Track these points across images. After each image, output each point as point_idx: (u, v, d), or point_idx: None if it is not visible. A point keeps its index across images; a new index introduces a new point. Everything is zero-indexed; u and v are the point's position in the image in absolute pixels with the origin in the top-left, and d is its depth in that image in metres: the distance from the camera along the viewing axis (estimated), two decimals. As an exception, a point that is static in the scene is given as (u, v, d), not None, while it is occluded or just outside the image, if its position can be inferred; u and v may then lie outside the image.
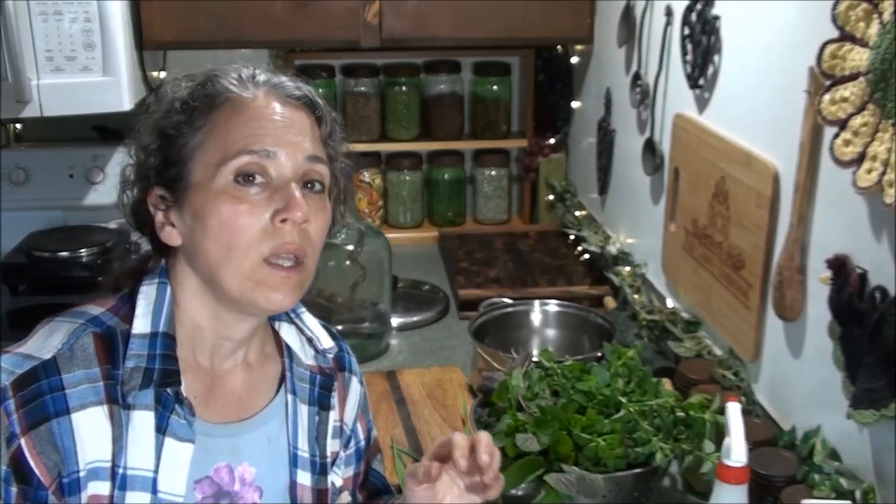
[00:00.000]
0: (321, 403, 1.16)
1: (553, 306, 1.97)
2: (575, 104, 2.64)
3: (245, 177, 1.00)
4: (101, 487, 0.96)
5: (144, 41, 2.15)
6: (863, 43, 1.17)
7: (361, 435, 1.25)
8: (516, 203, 2.86)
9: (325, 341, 1.18)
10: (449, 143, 2.73)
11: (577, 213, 2.51)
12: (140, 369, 0.99)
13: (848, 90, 1.20)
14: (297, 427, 1.12)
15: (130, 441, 0.98)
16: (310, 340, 1.18)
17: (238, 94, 1.03)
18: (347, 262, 1.97)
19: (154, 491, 0.99)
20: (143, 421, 0.99)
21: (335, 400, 1.19)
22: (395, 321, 2.10)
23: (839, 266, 1.27)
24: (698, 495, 1.45)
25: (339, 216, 1.13)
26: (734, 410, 1.21)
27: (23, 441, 0.92)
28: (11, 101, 1.84)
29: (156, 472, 0.99)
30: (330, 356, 1.20)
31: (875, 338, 1.19)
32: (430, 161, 2.77)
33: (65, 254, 2.13)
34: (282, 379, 1.13)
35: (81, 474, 0.95)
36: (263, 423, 1.10)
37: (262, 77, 1.07)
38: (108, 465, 0.96)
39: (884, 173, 1.13)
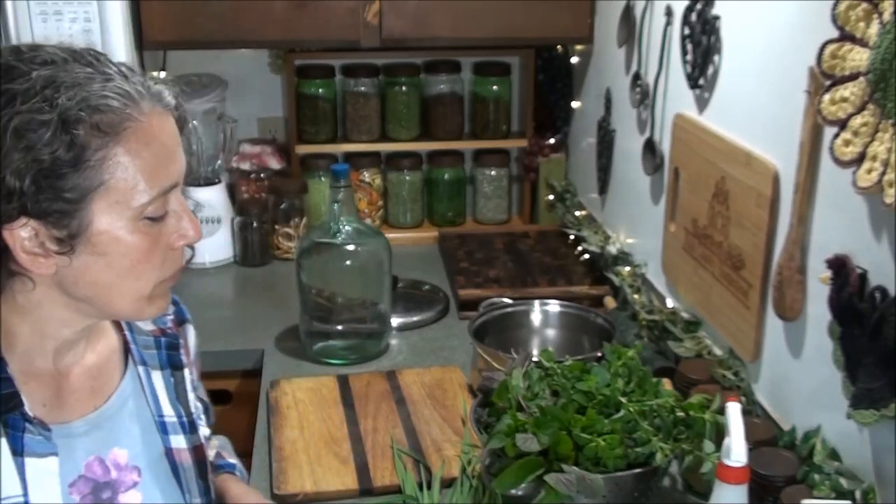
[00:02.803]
0: (172, 364, 1.16)
1: (553, 306, 1.96)
2: (575, 104, 2.64)
3: (155, 217, 0.97)
4: None
5: (144, 41, 2.15)
6: (863, 43, 1.17)
7: (195, 375, 1.26)
8: (516, 203, 2.86)
9: None
10: (449, 143, 2.73)
11: (577, 213, 2.51)
12: None
13: (848, 90, 1.20)
14: (155, 395, 1.11)
15: None
16: None
17: (135, 119, 0.93)
18: (348, 262, 1.97)
19: None
20: None
21: (184, 356, 1.18)
22: (395, 321, 2.09)
23: (839, 266, 1.27)
24: (698, 495, 1.45)
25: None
26: (734, 410, 1.21)
27: None
28: (11, 101, 1.84)
29: (25, 495, 0.95)
30: (169, 317, 1.18)
31: (875, 338, 1.19)
32: (430, 161, 2.77)
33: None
34: (126, 352, 1.11)
35: None
36: (121, 403, 1.08)
37: (139, 86, 0.95)
38: None
39: (884, 173, 1.13)
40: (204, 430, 1.20)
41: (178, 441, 1.13)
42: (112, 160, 0.91)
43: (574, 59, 2.60)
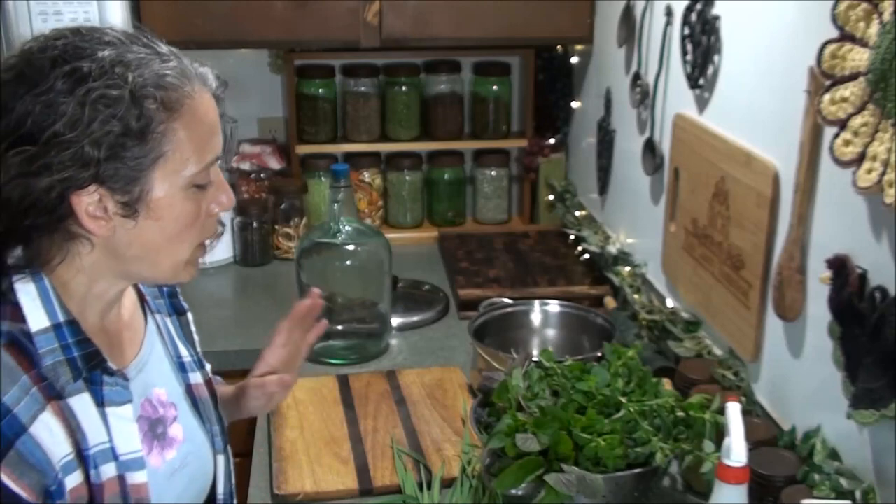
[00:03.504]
0: (177, 310, 1.29)
1: (553, 306, 1.96)
2: (575, 104, 2.64)
3: (202, 185, 1.07)
4: (77, 477, 1.00)
5: (144, 41, 2.15)
6: (863, 43, 1.17)
7: None
8: (516, 203, 2.86)
9: None
10: (449, 143, 2.73)
11: (577, 213, 2.51)
12: (62, 362, 1.01)
13: (848, 90, 1.20)
14: (172, 338, 1.23)
15: (83, 424, 1.02)
16: None
17: (190, 97, 1.02)
18: (348, 262, 1.97)
19: (115, 458, 1.05)
20: (83, 403, 1.03)
21: (184, 302, 1.31)
22: (395, 321, 2.09)
23: (839, 266, 1.27)
24: (698, 495, 1.45)
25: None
26: (734, 410, 1.21)
27: (0, 474, 0.93)
28: (11, 101, 1.84)
29: (110, 440, 1.05)
30: None
31: (875, 338, 1.19)
32: (430, 161, 2.77)
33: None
34: (143, 303, 1.21)
35: (59, 475, 0.98)
36: (150, 349, 1.18)
37: (189, 68, 1.05)
38: (73, 455, 1.00)
39: (884, 173, 1.13)
40: (208, 366, 1.32)
41: (196, 377, 1.24)
42: (171, 133, 1.00)
43: (574, 59, 2.60)
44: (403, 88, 2.66)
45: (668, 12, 1.87)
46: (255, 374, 1.38)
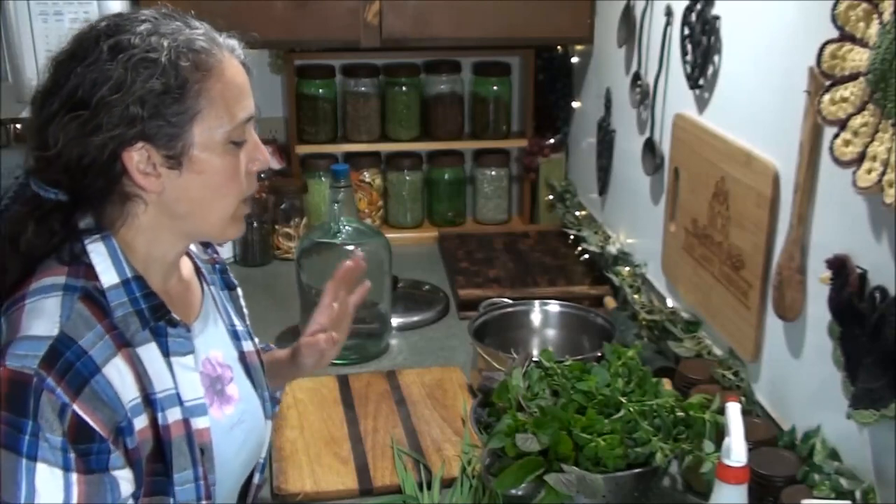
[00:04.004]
0: (228, 285, 1.38)
1: (553, 306, 1.96)
2: (575, 104, 2.64)
3: (238, 142, 1.15)
4: (143, 419, 1.09)
5: (144, 41, 2.15)
6: (863, 43, 1.17)
7: None
8: (516, 203, 2.86)
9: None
10: (449, 143, 2.73)
11: (577, 213, 2.51)
12: (132, 314, 1.11)
13: (848, 90, 1.20)
14: (226, 308, 1.33)
15: (150, 371, 1.11)
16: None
17: (219, 61, 1.13)
18: (348, 263, 1.97)
19: (181, 403, 1.14)
20: (151, 352, 1.12)
21: (234, 278, 1.40)
22: (395, 321, 2.09)
23: (839, 266, 1.27)
24: (698, 495, 1.45)
25: None
26: (734, 410, 1.21)
27: (76, 407, 1.01)
28: (11, 101, 1.85)
29: (176, 387, 1.14)
30: (213, 253, 1.40)
31: (875, 338, 1.20)
32: (430, 161, 2.77)
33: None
34: (199, 274, 1.31)
35: (129, 415, 1.07)
36: (206, 314, 1.27)
37: (219, 38, 1.17)
38: (140, 399, 1.08)
39: (884, 173, 1.13)
40: (256, 338, 1.40)
41: (248, 346, 1.33)
42: (205, 92, 1.10)
43: (574, 59, 2.60)
44: (403, 88, 2.66)
45: (668, 12, 1.87)
46: (307, 334, 1.46)
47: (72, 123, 1.07)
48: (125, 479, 1.06)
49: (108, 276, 1.11)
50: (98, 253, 1.12)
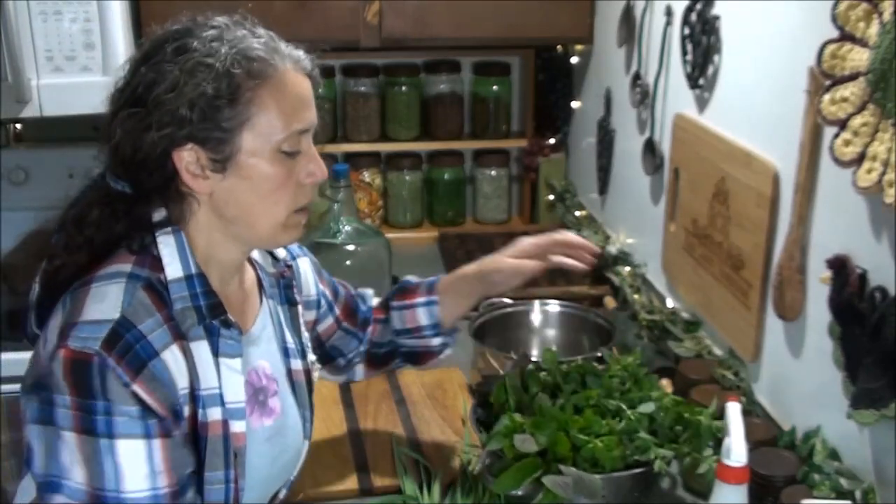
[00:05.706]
0: (289, 300, 1.38)
1: (553, 306, 1.96)
2: (575, 104, 2.64)
3: (290, 152, 1.18)
4: (186, 411, 1.12)
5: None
6: (863, 43, 1.17)
7: (326, 291, 1.50)
8: (516, 203, 2.86)
9: (280, 252, 1.38)
10: (449, 143, 2.73)
11: (577, 213, 2.51)
12: (189, 308, 1.14)
13: (848, 90, 1.20)
14: (280, 324, 1.34)
15: (198, 368, 1.14)
16: (270, 254, 1.38)
17: (277, 70, 1.16)
18: (348, 262, 1.97)
19: (222, 403, 1.16)
20: (202, 349, 1.16)
21: (297, 295, 1.40)
22: (395, 321, 2.09)
23: (839, 266, 1.27)
24: (698, 495, 1.45)
25: None
26: (734, 410, 1.21)
27: (135, 386, 1.05)
28: (11, 101, 1.84)
29: (220, 387, 1.16)
30: (287, 262, 1.40)
31: (875, 338, 1.19)
32: (430, 161, 2.77)
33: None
34: (260, 287, 1.33)
35: (181, 401, 1.11)
36: (262, 327, 1.29)
37: (283, 48, 1.21)
38: (188, 391, 1.12)
39: (884, 173, 1.13)
40: (312, 357, 1.42)
41: (297, 364, 1.35)
42: (258, 100, 1.13)
43: (574, 59, 2.60)
44: (403, 88, 2.66)
45: (668, 12, 1.87)
46: (508, 255, 1.54)
47: (130, 119, 1.11)
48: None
49: (172, 268, 1.14)
50: (167, 245, 1.15)
